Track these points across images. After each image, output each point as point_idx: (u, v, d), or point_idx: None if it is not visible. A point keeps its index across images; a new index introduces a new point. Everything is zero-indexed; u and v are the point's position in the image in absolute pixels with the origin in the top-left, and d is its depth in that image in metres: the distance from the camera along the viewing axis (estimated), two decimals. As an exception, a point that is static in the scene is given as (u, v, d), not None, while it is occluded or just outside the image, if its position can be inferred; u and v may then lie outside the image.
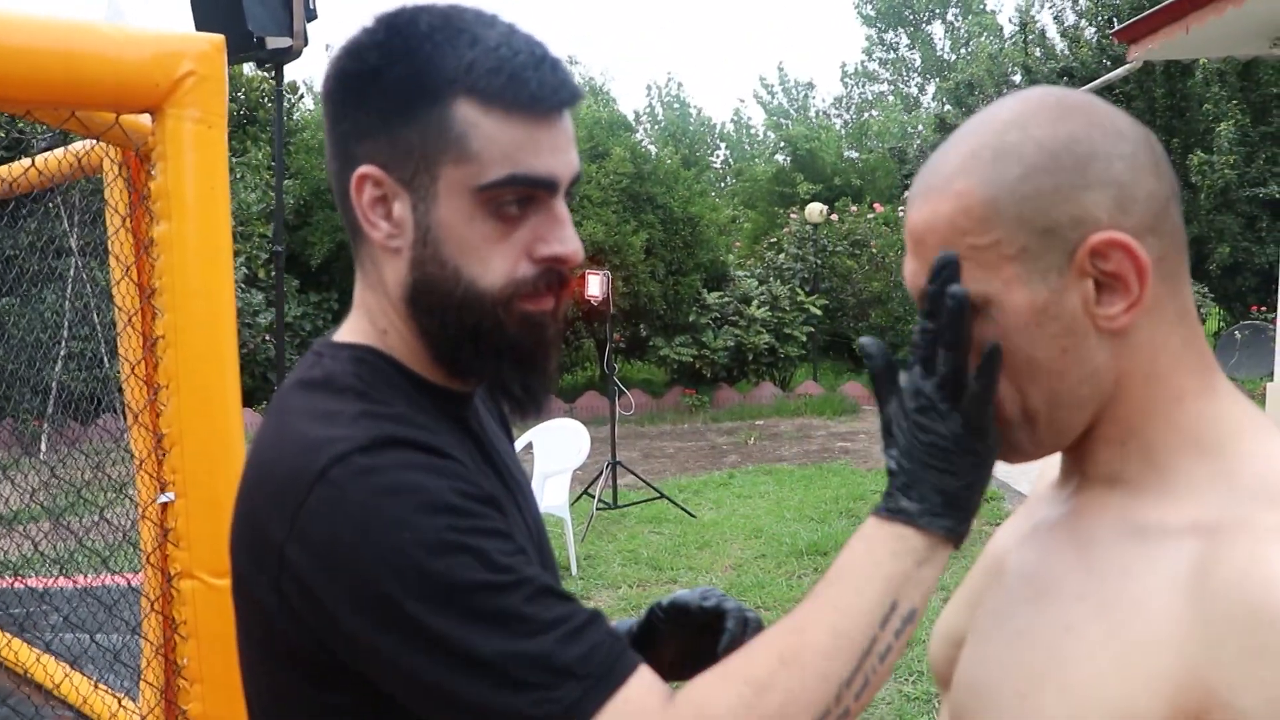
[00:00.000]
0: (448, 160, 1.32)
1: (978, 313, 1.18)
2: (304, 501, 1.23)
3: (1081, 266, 1.14)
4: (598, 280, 10.31)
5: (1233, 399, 1.20)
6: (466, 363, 1.40)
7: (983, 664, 1.26)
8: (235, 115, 19.21)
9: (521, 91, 1.31)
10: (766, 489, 11.53)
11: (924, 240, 1.20)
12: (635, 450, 14.38)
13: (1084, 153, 1.14)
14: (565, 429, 8.60)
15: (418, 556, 1.18)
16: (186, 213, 2.51)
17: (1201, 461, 1.16)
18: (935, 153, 1.25)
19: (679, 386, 18.62)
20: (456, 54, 1.31)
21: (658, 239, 18.39)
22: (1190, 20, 11.94)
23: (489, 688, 1.17)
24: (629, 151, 18.53)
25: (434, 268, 1.35)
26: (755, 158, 33.09)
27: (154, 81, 2.44)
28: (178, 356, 2.52)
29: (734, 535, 9.41)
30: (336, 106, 1.38)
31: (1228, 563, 1.05)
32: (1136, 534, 1.16)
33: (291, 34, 5.09)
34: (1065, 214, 1.14)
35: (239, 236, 16.28)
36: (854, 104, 39.27)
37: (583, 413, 16.30)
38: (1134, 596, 1.11)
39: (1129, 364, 1.18)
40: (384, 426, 1.28)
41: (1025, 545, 1.34)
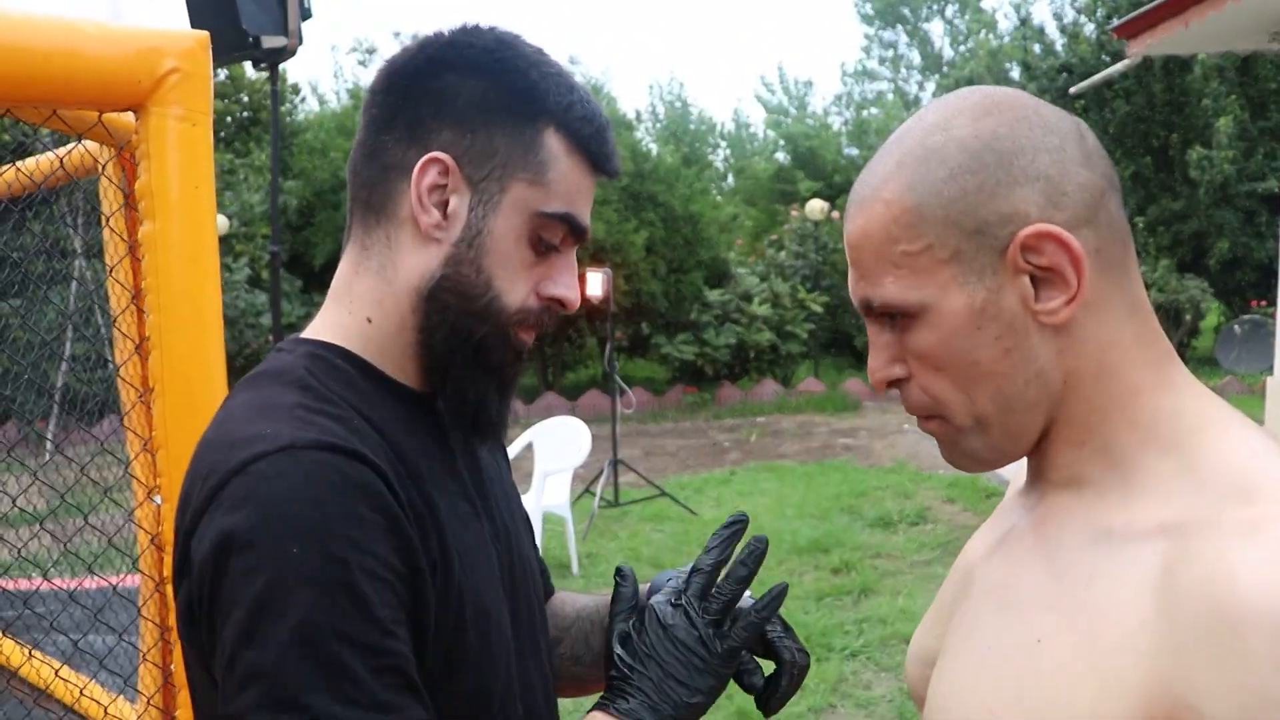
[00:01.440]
0: (524, 177, 1.37)
1: (915, 320, 1.16)
2: (220, 491, 1.19)
3: (1015, 263, 1.13)
4: (598, 279, 10.28)
5: (1193, 392, 1.17)
6: (457, 372, 1.40)
7: (954, 681, 1.21)
8: (239, 117, 19.21)
9: (602, 148, 1.41)
10: (768, 486, 11.50)
11: (860, 252, 1.20)
12: (637, 448, 14.34)
13: (1007, 149, 1.13)
14: (566, 427, 8.56)
15: (293, 577, 1.14)
16: (170, 212, 2.45)
17: (1164, 459, 1.12)
18: (869, 163, 1.24)
19: (681, 384, 18.63)
20: (559, 92, 1.38)
21: (659, 237, 18.41)
22: (1190, 15, 11.90)
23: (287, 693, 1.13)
24: (629, 150, 18.54)
25: (469, 270, 1.37)
26: (756, 155, 33.13)
27: (136, 79, 2.38)
28: (163, 359, 2.46)
29: (736, 533, 9.30)
30: (417, 88, 1.38)
31: (1194, 564, 1.01)
32: (1103, 538, 1.12)
33: (286, 33, 5.11)
34: (993, 212, 1.12)
35: (243, 237, 16.27)
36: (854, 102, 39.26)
37: (585, 411, 16.29)
38: (1102, 603, 1.07)
39: (1076, 361, 1.15)
40: (315, 427, 1.24)
41: (993, 556, 1.30)
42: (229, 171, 18.09)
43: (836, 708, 5.66)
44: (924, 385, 1.20)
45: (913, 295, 1.15)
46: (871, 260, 1.18)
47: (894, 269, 1.16)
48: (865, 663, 6.22)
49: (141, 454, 2.77)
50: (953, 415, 1.19)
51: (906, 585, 7.59)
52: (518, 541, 1.56)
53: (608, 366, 11.09)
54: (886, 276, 1.17)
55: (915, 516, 9.57)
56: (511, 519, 1.56)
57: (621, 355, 19.88)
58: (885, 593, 7.44)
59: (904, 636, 6.50)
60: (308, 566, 1.14)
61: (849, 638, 6.58)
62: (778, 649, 1.55)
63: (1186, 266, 21.59)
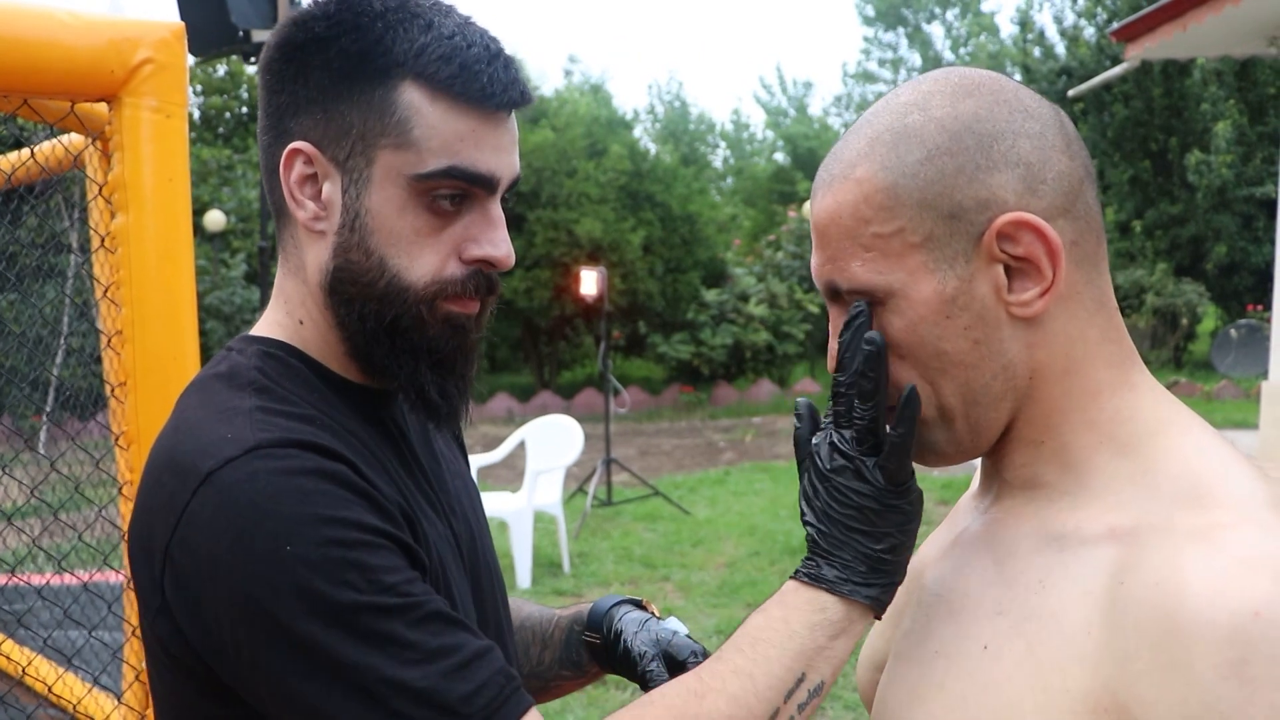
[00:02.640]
0: (386, 144, 1.25)
1: (882, 306, 1.11)
2: (188, 504, 1.14)
3: (990, 251, 1.08)
4: (593, 277, 10.26)
5: (1152, 393, 1.13)
6: (381, 360, 1.31)
7: (901, 688, 1.18)
8: (237, 113, 19.18)
9: (471, 84, 1.24)
10: (762, 486, 11.46)
11: (827, 232, 1.14)
12: (632, 447, 14.32)
13: (988, 131, 1.08)
14: (558, 426, 8.52)
15: (298, 572, 1.10)
16: (144, 205, 2.41)
17: (1119, 461, 1.09)
18: (838, 141, 1.18)
19: (677, 384, 18.63)
20: (408, 36, 1.24)
21: (656, 236, 18.43)
22: (1189, 19, 11.89)
23: (368, 716, 1.10)
24: (627, 149, 18.57)
25: (358, 255, 1.27)
26: (754, 156, 33.12)
27: (109, 69, 2.34)
28: (135, 352, 2.42)
29: (728, 533, 9.32)
30: (275, 77, 1.29)
31: (1144, 570, 0.97)
32: (1054, 542, 1.09)
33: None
34: (970, 196, 1.07)
35: (240, 234, 16.24)
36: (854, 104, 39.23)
37: (580, 409, 16.28)
38: (1051, 610, 1.04)
39: (1045, 356, 1.11)
40: (277, 427, 1.20)
41: (944, 559, 1.25)
42: (227, 167, 18.08)
43: (825, 710, 5.62)
44: (889, 374, 1.14)
45: (880, 279, 1.10)
46: (839, 241, 1.12)
47: (863, 251, 1.11)
48: (855, 665, 6.18)
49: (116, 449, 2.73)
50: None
51: (898, 587, 7.56)
52: (481, 539, 1.51)
53: (602, 365, 11.07)
54: (854, 259, 1.11)
55: (908, 519, 9.53)
56: (475, 515, 1.51)
57: (618, 354, 19.88)
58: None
59: (894, 638, 6.47)
60: (306, 560, 1.10)
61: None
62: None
63: (1184, 270, 21.64)
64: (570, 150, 17.74)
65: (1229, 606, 0.90)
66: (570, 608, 1.67)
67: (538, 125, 17.98)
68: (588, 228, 17.14)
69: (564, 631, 1.64)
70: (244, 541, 1.11)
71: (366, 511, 1.16)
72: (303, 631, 1.10)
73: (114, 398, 2.52)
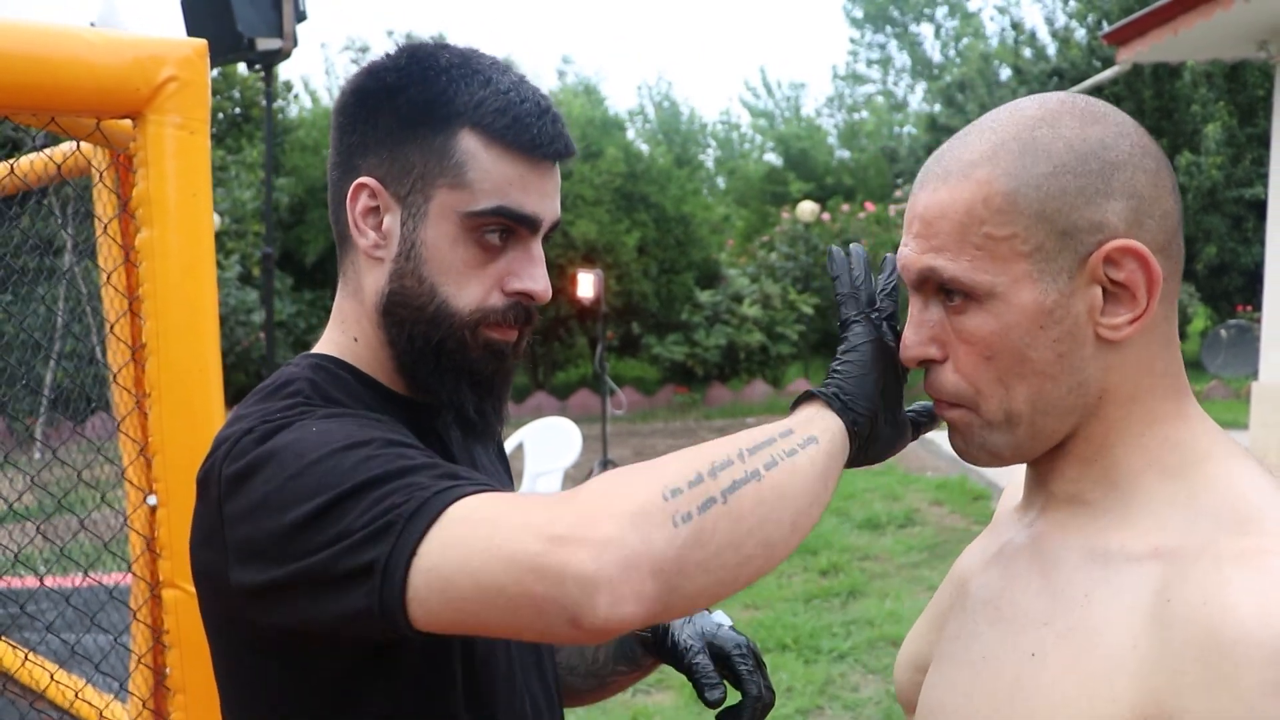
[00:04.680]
0: (443, 184, 1.39)
1: (978, 304, 1.16)
2: (231, 451, 1.28)
3: (1094, 272, 1.13)
4: (589, 280, 10.32)
5: (1202, 425, 1.18)
6: (426, 378, 1.44)
7: (947, 690, 1.23)
8: (230, 113, 19.18)
9: (522, 135, 1.39)
10: (759, 483, 11.44)
11: (934, 223, 1.18)
12: (627, 448, 14.34)
13: (1112, 160, 1.12)
14: (556, 428, 8.58)
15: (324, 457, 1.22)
16: (168, 220, 2.45)
17: (1164, 484, 1.14)
18: (952, 140, 1.22)
19: (671, 385, 18.70)
20: (469, 90, 1.40)
21: (650, 238, 18.50)
22: (1179, 23, 11.96)
23: (348, 507, 1.17)
24: (622, 151, 18.64)
25: (412, 281, 1.40)
26: (746, 156, 33.17)
27: (134, 87, 2.38)
28: (159, 364, 2.47)
29: (725, 533, 9.31)
30: (348, 119, 1.45)
31: (1190, 589, 1.02)
32: (1099, 558, 1.13)
33: (281, 35, 5.12)
34: (1085, 218, 1.12)
35: (234, 235, 16.26)
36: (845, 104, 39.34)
37: (576, 411, 16.33)
38: (1097, 623, 1.09)
39: (1117, 379, 1.16)
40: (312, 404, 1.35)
41: (989, 569, 1.30)
42: (221, 168, 18.06)
43: (824, 709, 5.67)
44: (964, 371, 1.19)
45: (985, 278, 1.15)
46: (948, 234, 1.17)
47: (973, 249, 1.15)
48: (853, 665, 6.23)
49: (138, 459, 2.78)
50: (985, 407, 1.19)
51: (894, 587, 7.60)
52: None
53: (598, 367, 11.14)
54: (963, 254, 1.16)
55: (903, 519, 9.58)
56: None
57: (612, 355, 19.88)
58: (873, 595, 7.46)
59: (892, 639, 6.51)
60: (340, 429, 1.26)
61: (837, 640, 6.59)
62: (745, 683, 1.58)
63: (1174, 271, 21.79)
64: None
65: (1274, 627, 0.95)
66: None
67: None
68: (583, 230, 17.19)
69: None
70: (278, 462, 1.24)
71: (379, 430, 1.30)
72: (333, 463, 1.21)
73: (139, 409, 2.57)
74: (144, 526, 2.68)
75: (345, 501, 1.16)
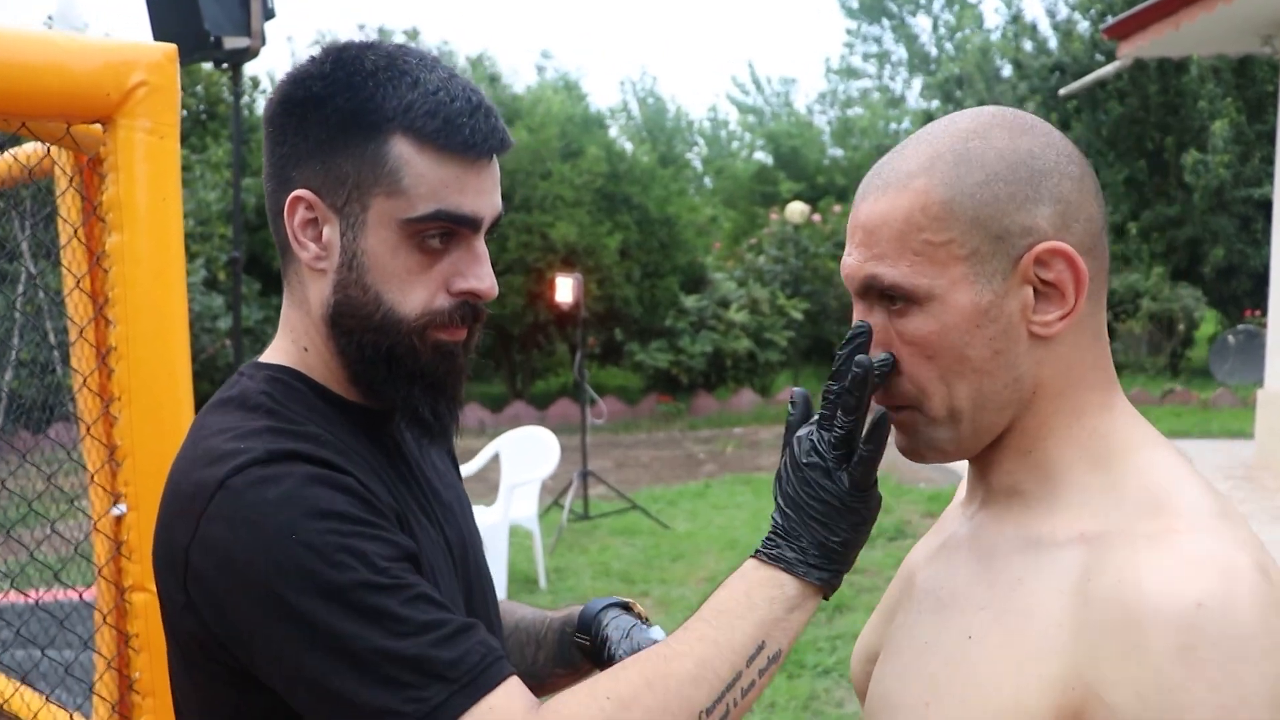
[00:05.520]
0: (379, 192, 1.47)
1: (918, 307, 1.30)
2: (205, 509, 1.37)
3: (1025, 273, 1.28)
4: (568, 284, 10.40)
5: (1127, 415, 1.34)
6: (379, 384, 1.53)
7: (893, 676, 1.38)
8: (194, 111, 19.18)
9: (455, 136, 1.46)
10: (744, 499, 11.61)
11: (875, 232, 1.32)
12: (609, 459, 14.47)
13: (1039, 167, 1.28)
14: (533, 437, 8.67)
15: (304, 558, 1.32)
16: (138, 224, 2.59)
17: (1092, 474, 1.30)
18: (892, 152, 1.37)
19: (655, 393, 18.73)
20: (397, 94, 1.46)
21: (633, 240, 18.53)
22: (1181, 16, 12.07)
23: (362, 682, 1.30)
24: (603, 150, 18.67)
25: (356, 291, 1.49)
26: (734, 155, 33.26)
27: (105, 92, 2.52)
28: (129, 369, 2.60)
29: (709, 547, 9.49)
30: (278, 129, 1.52)
31: (1107, 570, 1.18)
32: (1031, 545, 1.29)
33: (249, 34, 5.20)
34: (1017, 222, 1.27)
35: (198, 237, 16.22)
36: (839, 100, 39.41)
37: (555, 420, 16.37)
38: (1027, 604, 1.24)
39: (1049, 373, 1.31)
40: (284, 442, 1.42)
41: (933, 561, 1.47)
42: (185, 168, 18.03)
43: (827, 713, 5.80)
44: (909, 372, 1.33)
45: (924, 282, 1.29)
46: (889, 242, 1.30)
47: (912, 254, 1.29)
48: (838, 680, 6.35)
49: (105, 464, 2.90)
50: (929, 405, 1.34)
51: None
52: (473, 546, 1.72)
53: (577, 374, 11.20)
54: (903, 260, 1.29)
55: (894, 531, 9.70)
56: (466, 524, 1.73)
57: (594, 363, 19.94)
58: (860, 609, 7.57)
59: (878, 654, 6.61)
60: (309, 545, 1.32)
61: (822, 655, 6.70)
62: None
63: (1180, 274, 21.78)
64: (544, 151, 17.86)
65: (1177, 599, 1.11)
66: (562, 609, 1.89)
67: (512, 126, 17.95)
68: (563, 232, 17.27)
69: (556, 633, 1.85)
70: (256, 533, 1.34)
71: (363, 510, 1.38)
72: (306, 608, 1.31)
73: (108, 413, 2.70)
74: (111, 530, 2.81)
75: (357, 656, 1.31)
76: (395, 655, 1.31)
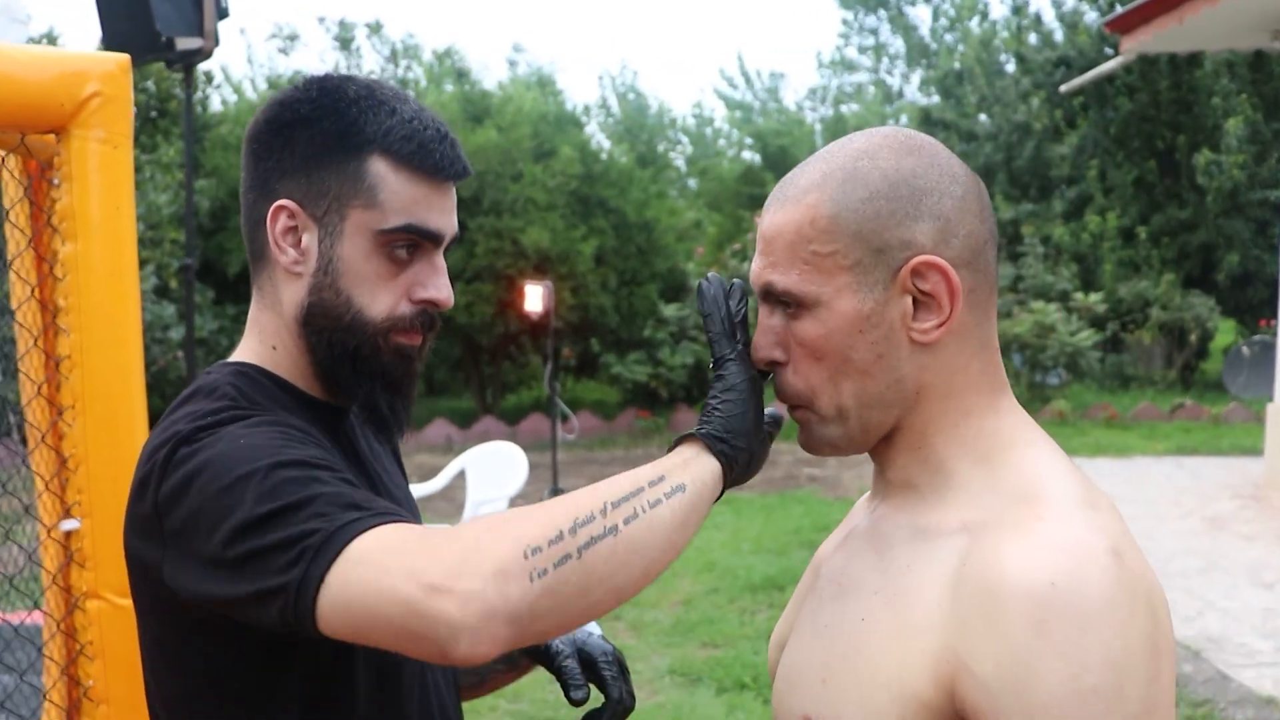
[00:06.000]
0: (357, 205, 1.76)
1: (807, 311, 1.53)
2: (170, 458, 1.62)
3: (904, 284, 1.50)
4: (538, 292, 10.58)
5: (1013, 416, 1.57)
6: (344, 381, 1.81)
7: (797, 657, 1.62)
8: (143, 107, 19.22)
9: (427, 160, 1.76)
10: (723, 520, 11.84)
11: (774, 242, 1.56)
12: (583, 477, 14.50)
13: (921, 186, 1.51)
14: (500, 453, 8.85)
15: (250, 459, 1.57)
16: (92, 233, 2.79)
17: (976, 469, 1.52)
18: (796, 168, 1.61)
19: (633, 408, 18.87)
20: (377, 119, 1.76)
21: (609, 246, 18.65)
22: (1184, 10, 12.26)
23: (273, 526, 1.51)
24: (578, 150, 18.79)
25: (330, 294, 1.77)
26: (720, 155, 33.45)
27: (59, 102, 2.72)
28: (83, 376, 2.80)
29: (685, 569, 9.70)
30: (263, 146, 1.81)
31: (976, 554, 1.41)
32: (921, 534, 1.52)
33: (202, 34, 5.36)
34: (896, 236, 1.50)
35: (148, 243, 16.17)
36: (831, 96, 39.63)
37: (526, 437, 16.46)
38: (914, 588, 1.47)
39: (931, 377, 1.54)
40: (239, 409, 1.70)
41: (838, 551, 1.71)
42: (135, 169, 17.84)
43: None
44: (801, 372, 1.56)
45: (811, 289, 1.51)
46: (782, 251, 1.53)
47: (801, 264, 1.51)
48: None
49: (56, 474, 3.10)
50: (819, 404, 1.56)
51: (865, 625, 7.86)
52: None
53: (549, 387, 11.37)
54: (793, 269, 1.51)
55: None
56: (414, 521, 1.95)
57: (568, 376, 20.02)
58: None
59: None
60: (255, 447, 1.59)
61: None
62: (609, 687, 2.01)
63: (1193, 281, 21.86)
64: (515, 152, 18.04)
65: (1033, 578, 1.33)
66: None
67: (481, 125, 18.19)
68: (534, 237, 17.42)
69: None
70: (208, 465, 1.58)
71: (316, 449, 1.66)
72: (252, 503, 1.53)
73: (62, 421, 2.90)
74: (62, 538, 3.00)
75: (265, 523, 1.51)
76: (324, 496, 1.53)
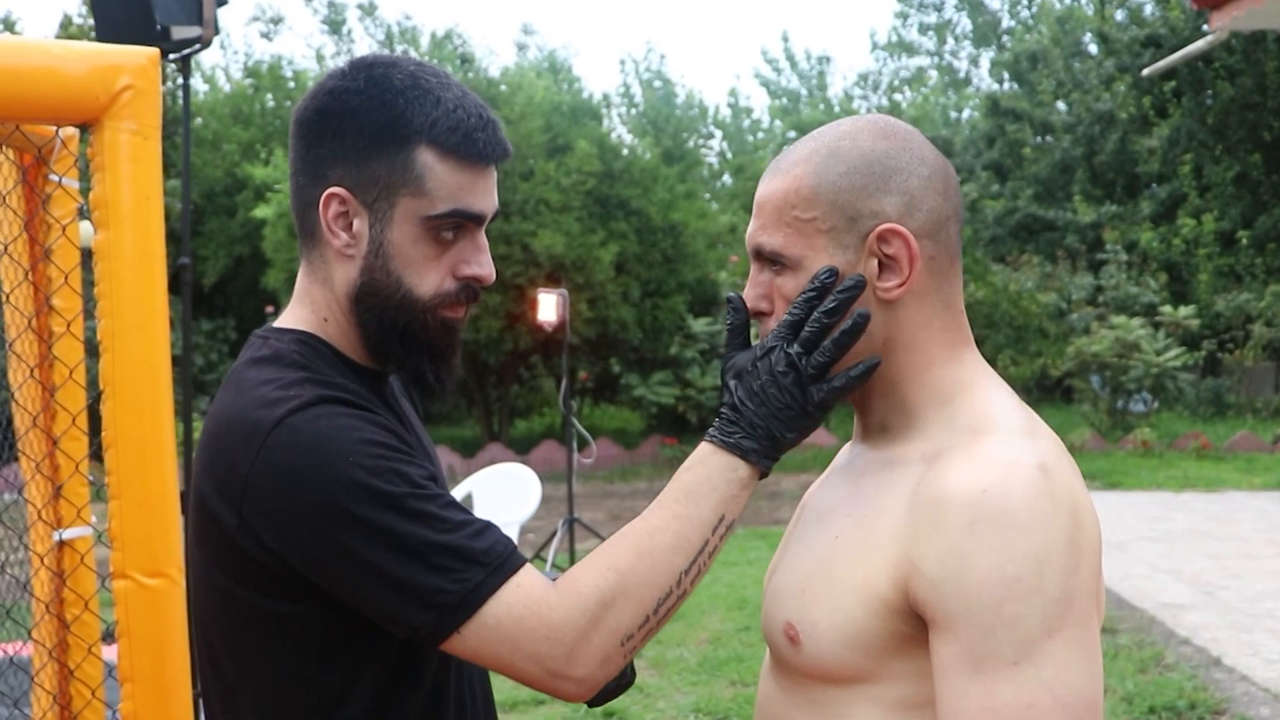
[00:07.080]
0: (406, 193, 2.11)
1: (791, 269, 1.96)
2: (265, 441, 1.99)
3: (871, 247, 1.92)
4: (551, 301, 10.84)
5: (973, 365, 2.01)
6: (394, 353, 2.20)
7: (780, 574, 2.13)
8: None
9: (471, 149, 2.12)
10: (758, 555, 12.25)
11: (763, 207, 1.98)
12: (601, 510, 15.00)
13: (891, 166, 1.99)
14: (510, 475, 9.08)
15: (360, 475, 1.95)
16: (123, 221, 3.31)
17: (938, 410, 1.97)
18: (792, 145, 2.03)
19: (657, 435, 18.89)
20: (423, 110, 2.11)
21: (631, 252, 18.61)
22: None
23: (416, 569, 1.93)
24: (596, 144, 18.68)
25: (381, 275, 2.15)
26: (758, 150, 33.35)
27: (94, 95, 3.26)
28: (114, 361, 3.34)
29: (714, 606, 10.11)
30: (313, 133, 2.16)
31: (930, 475, 1.84)
32: (889, 466, 1.97)
33: (201, 22, 5.73)
34: (867, 207, 1.92)
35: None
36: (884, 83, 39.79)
37: (539, 466, 16.01)
38: (879, 509, 1.91)
39: (895, 331, 1.96)
40: (323, 389, 2.07)
41: (820, 488, 2.23)
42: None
43: None
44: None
45: (794, 250, 1.93)
46: (770, 216, 1.95)
47: (786, 227, 1.93)
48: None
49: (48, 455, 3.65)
50: None
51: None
52: None
53: (564, 406, 11.50)
54: (779, 232, 1.94)
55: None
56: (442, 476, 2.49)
57: (587, 399, 20.08)
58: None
59: None
60: (364, 466, 1.96)
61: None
62: None
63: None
64: (526, 147, 17.98)
65: (969, 487, 1.75)
66: None
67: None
68: (547, 242, 17.39)
69: None
70: (316, 458, 1.97)
71: (396, 441, 2.09)
72: (366, 514, 1.93)
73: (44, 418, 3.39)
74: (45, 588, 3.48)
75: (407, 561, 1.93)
76: (441, 546, 1.92)
